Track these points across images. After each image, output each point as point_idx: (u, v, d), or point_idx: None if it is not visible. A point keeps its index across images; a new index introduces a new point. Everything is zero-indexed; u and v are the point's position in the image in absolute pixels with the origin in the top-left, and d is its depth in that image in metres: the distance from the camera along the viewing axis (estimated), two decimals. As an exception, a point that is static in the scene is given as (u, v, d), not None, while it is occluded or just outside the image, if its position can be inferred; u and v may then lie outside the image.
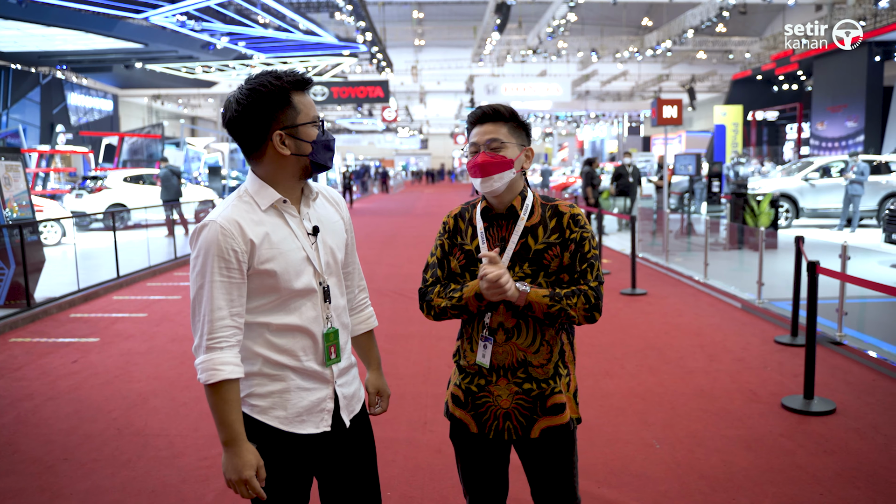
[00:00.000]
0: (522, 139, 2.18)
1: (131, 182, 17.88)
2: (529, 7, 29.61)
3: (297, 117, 1.90)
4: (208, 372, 1.81)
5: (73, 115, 30.81)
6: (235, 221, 1.85)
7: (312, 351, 1.97)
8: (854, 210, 14.47)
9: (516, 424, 2.14)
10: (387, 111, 40.83)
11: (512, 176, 2.13)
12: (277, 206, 1.93)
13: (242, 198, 1.93)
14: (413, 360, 5.90)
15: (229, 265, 1.83)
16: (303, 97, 1.92)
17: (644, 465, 3.83)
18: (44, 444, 4.23)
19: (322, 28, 24.58)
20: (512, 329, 2.11)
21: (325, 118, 2.01)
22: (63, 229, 13.92)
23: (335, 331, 2.01)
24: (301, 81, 1.91)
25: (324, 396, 2.00)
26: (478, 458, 2.24)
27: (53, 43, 24.05)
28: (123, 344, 6.56)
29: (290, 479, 1.97)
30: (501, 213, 2.18)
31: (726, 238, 12.36)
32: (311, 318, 1.96)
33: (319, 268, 1.98)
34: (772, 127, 35.82)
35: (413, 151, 76.44)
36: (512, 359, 2.12)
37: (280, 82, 1.86)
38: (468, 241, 2.22)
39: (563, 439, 2.17)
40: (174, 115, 50.60)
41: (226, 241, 1.82)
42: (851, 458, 3.86)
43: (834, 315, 6.27)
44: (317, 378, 1.99)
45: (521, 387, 2.13)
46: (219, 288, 1.83)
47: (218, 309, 1.83)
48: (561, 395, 2.14)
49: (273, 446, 1.93)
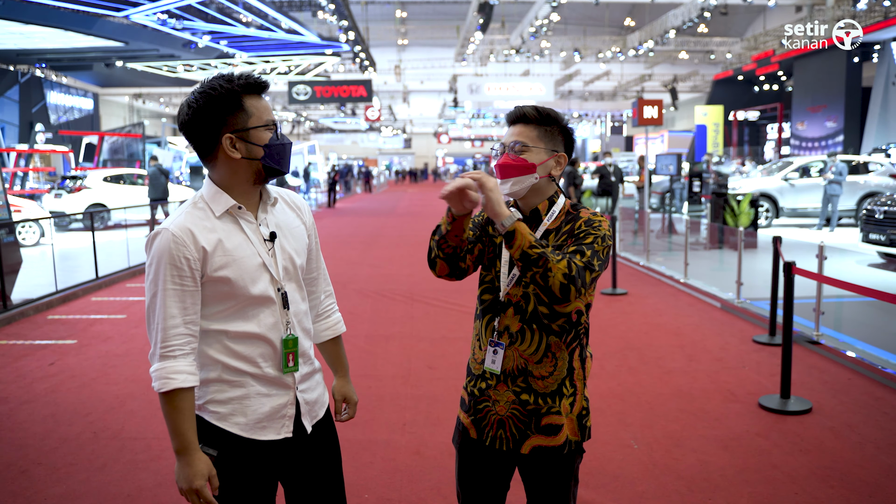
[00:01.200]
0: (555, 144, 2.10)
1: (111, 182, 17.73)
2: (512, 7, 29.66)
3: (249, 121, 1.87)
4: (161, 380, 1.79)
5: (52, 114, 30.49)
6: (188, 229, 1.83)
7: (272, 357, 1.95)
8: (833, 209, 14.61)
9: (509, 436, 2.06)
10: (370, 110, 40.72)
11: (533, 181, 2.06)
12: (232, 212, 1.91)
13: (197, 204, 1.90)
14: (393, 362, 5.89)
15: (182, 273, 1.82)
16: (256, 101, 1.89)
17: (621, 465, 3.85)
18: (18, 448, 4.18)
19: (305, 27, 24.51)
20: (516, 334, 2.04)
21: (282, 121, 2.02)
22: (42, 229, 13.77)
23: (294, 338, 1.98)
24: (254, 84, 1.88)
25: (285, 402, 1.98)
26: (475, 466, 2.16)
27: (32, 41, 23.79)
28: (101, 346, 6.51)
29: (252, 486, 1.95)
30: (526, 216, 2.12)
31: (706, 238, 12.44)
32: (269, 324, 1.93)
33: (277, 274, 1.95)
34: (753, 127, 36.14)
35: (396, 151, 76.32)
36: (513, 365, 2.05)
37: (231, 85, 1.84)
38: (498, 235, 2.15)
39: (555, 462, 2.06)
40: (156, 113, 50.21)
41: (178, 248, 1.81)
42: (826, 457, 3.89)
43: (812, 314, 6.33)
44: (277, 384, 1.97)
45: (518, 396, 2.04)
46: (171, 296, 1.82)
47: (171, 317, 1.81)
48: (558, 416, 2.04)
49: (234, 453, 1.91)
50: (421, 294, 8.73)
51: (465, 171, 2.02)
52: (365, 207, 27.69)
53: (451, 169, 73.34)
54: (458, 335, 6.75)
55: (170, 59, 27.79)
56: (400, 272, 10.57)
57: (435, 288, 9.08)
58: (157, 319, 1.82)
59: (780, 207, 15.75)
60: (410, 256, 12.54)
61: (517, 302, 2.05)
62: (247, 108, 1.86)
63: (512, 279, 2.07)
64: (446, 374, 5.55)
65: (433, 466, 3.88)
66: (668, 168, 15.01)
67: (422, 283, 9.47)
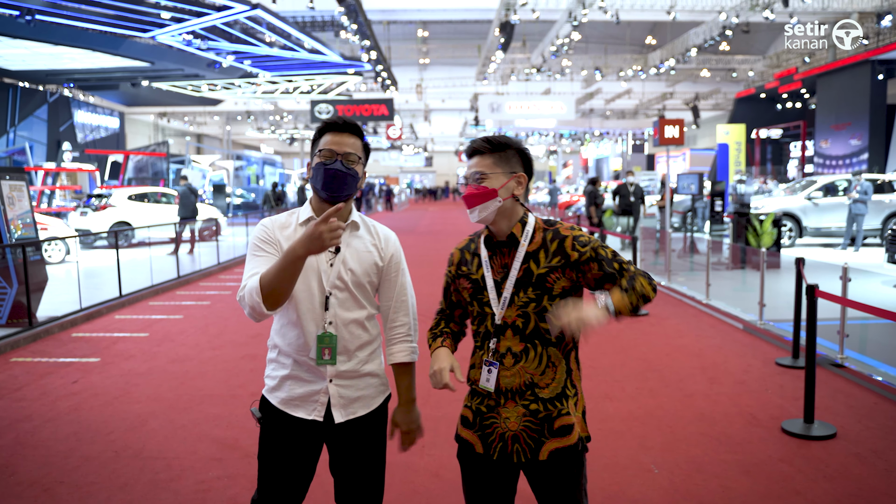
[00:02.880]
0: (512, 166, 2.24)
1: (136, 200, 17.97)
2: (533, 26, 29.78)
3: (316, 149, 2.32)
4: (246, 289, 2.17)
5: (79, 133, 31.03)
6: (272, 222, 2.36)
7: (309, 348, 2.29)
8: (858, 229, 14.44)
9: (524, 447, 2.16)
10: (391, 129, 40.95)
11: (498, 204, 2.20)
12: (311, 222, 2.29)
13: (292, 212, 2.41)
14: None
15: (263, 248, 2.29)
16: (329, 136, 2.31)
17: (642, 490, 3.81)
18: (42, 466, 4.22)
19: (327, 47, 24.77)
20: (520, 353, 2.17)
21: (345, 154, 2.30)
22: (67, 247, 13.97)
23: (330, 335, 2.29)
24: (333, 124, 2.32)
25: (318, 390, 2.32)
26: (482, 479, 2.26)
27: (61, 61, 24.27)
28: (124, 364, 6.57)
29: (286, 449, 2.33)
30: (503, 241, 2.24)
31: (729, 258, 12.33)
32: (308, 319, 2.29)
33: (326, 280, 2.30)
34: (775, 145, 35.89)
35: (418, 169, 76.67)
36: (520, 381, 2.17)
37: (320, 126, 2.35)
38: (474, 270, 2.31)
39: (571, 460, 2.19)
40: (180, 132, 50.90)
41: (263, 233, 2.32)
42: (851, 484, 3.83)
43: (835, 336, 6.25)
44: (314, 372, 2.32)
45: (528, 408, 2.16)
46: (252, 259, 2.29)
47: (251, 270, 2.24)
48: (569, 416, 2.17)
49: (273, 419, 2.34)
50: (441, 313, 8.71)
51: None
52: (386, 226, 27.73)
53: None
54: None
55: (194, 79, 28.18)
56: (421, 291, 10.54)
57: (455, 307, 9.07)
58: (246, 271, 2.26)
59: (804, 227, 15.59)
60: (431, 276, 12.54)
61: (513, 323, 2.19)
62: (321, 140, 2.33)
63: (504, 303, 2.20)
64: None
65: (452, 489, 3.87)
66: (689, 187, 14.93)
67: (442, 303, 9.46)
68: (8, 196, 8.05)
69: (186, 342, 7.43)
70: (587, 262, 2.15)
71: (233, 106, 43.25)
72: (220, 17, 20.10)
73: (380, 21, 30.67)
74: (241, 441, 4.57)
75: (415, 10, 29.78)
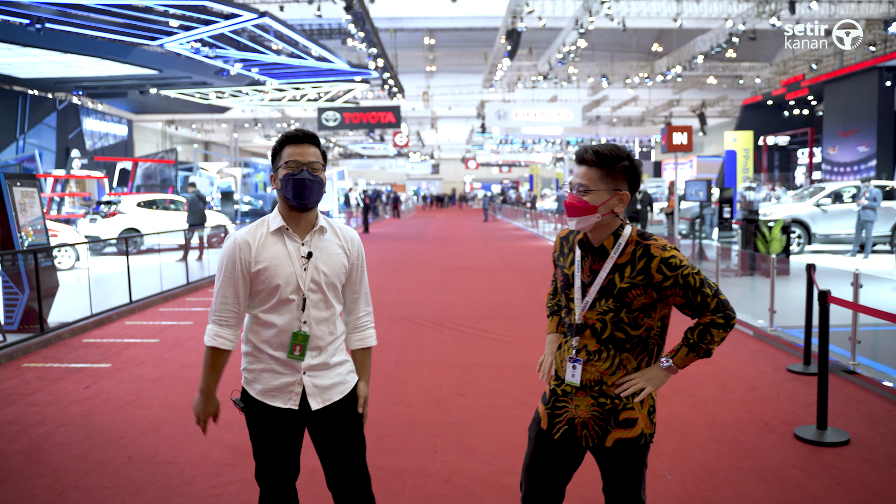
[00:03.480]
0: (617, 184, 2.31)
1: (145, 207, 18.04)
2: (540, 33, 29.85)
3: (279, 161, 2.51)
4: (208, 336, 2.53)
5: (88, 140, 31.17)
6: (245, 239, 2.50)
7: (284, 345, 2.52)
8: (867, 236, 14.39)
9: (592, 433, 2.37)
10: (398, 136, 41.08)
11: (595, 220, 2.32)
12: (281, 231, 2.52)
13: (262, 222, 2.56)
14: (423, 389, 5.89)
15: (235, 267, 2.49)
16: (290, 147, 2.50)
17: (655, 496, 3.80)
18: (55, 470, 4.24)
19: (334, 54, 24.85)
20: (594, 353, 2.36)
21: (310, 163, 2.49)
22: (77, 254, 14.03)
23: (304, 334, 2.52)
24: (292, 136, 2.51)
25: (292, 381, 2.54)
26: (543, 455, 2.48)
27: (70, 69, 24.40)
28: (135, 370, 6.59)
29: (271, 435, 2.57)
30: (595, 248, 2.37)
31: (738, 265, 12.31)
32: (286, 319, 2.50)
33: (303, 284, 2.51)
34: (783, 152, 35.81)
35: (424, 176, 76.75)
36: (590, 377, 2.36)
37: (279, 139, 2.55)
38: (567, 265, 2.48)
39: (633, 451, 2.37)
40: (188, 139, 51.10)
41: (236, 251, 2.49)
42: (866, 491, 3.82)
43: (847, 343, 6.23)
44: (287, 366, 2.54)
45: (596, 400, 2.37)
46: (227, 282, 2.51)
47: (224, 296, 2.52)
48: (633, 410, 2.35)
49: (255, 409, 2.57)
50: (450, 320, 8.73)
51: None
52: (394, 233, 27.82)
53: (479, 195, 73.51)
54: (488, 362, 6.74)
55: (202, 87, 28.29)
56: (429, 298, 10.60)
57: (465, 314, 9.09)
58: (218, 296, 2.53)
59: (813, 234, 15.54)
60: (439, 282, 12.57)
61: (593, 324, 2.36)
62: (282, 152, 2.51)
63: (585, 305, 2.37)
64: (477, 401, 5.54)
65: (464, 495, 3.86)
66: (697, 194, 14.91)
67: (451, 310, 9.48)
68: (20, 202, 8.10)
69: (197, 348, 7.44)
70: (671, 288, 2.27)
71: (240, 113, 43.45)
72: (228, 25, 20.19)
73: (387, 29, 30.82)
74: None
75: (421, 18, 29.89)
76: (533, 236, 24.71)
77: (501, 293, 11.14)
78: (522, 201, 48.27)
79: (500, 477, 4.08)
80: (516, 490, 3.89)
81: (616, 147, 2.33)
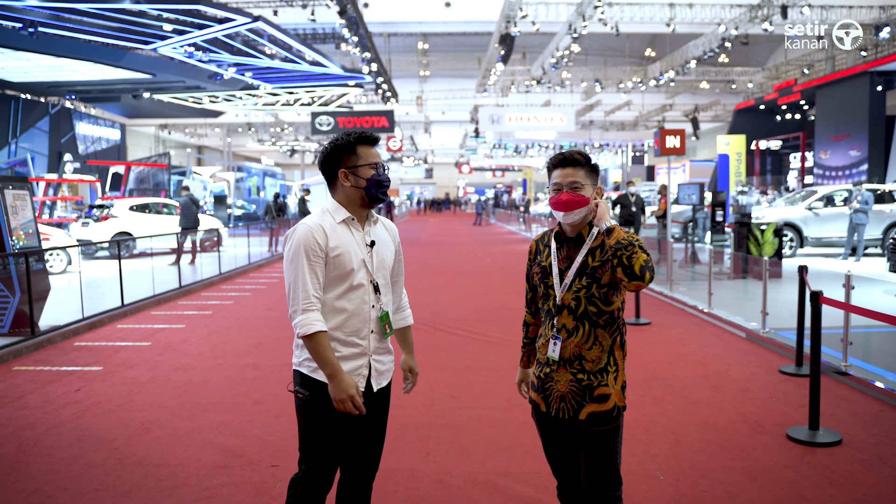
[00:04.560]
0: (594, 179, 2.69)
1: (137, 211, 17.98)
2: (533, 38, 29.89)
3: (358, 161, 2.69)
4: (305, 327, 2.54)
5: (80, 144, 31.08)
6: (319, 225, 2.64)
7: (357, 329, 2.67)
8: (858, 239, 14.45)
9: (569, 406, 2.62)
10: (392, 141, 41.04)
11: (588, 211, 2.63)
12: (347, 221, 2.71)
13: (325, 213, 2.72)
14: (416, 391, 5.86)
15: (315, 253, 2.60)
16: (366, 148, 2.71)
17: (647, 496, 3.80)
18: (45, 472, 4.21)
19: (328, 59, 24.84)
20: (572, 329, 2.62)
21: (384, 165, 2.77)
22: (69, 257, 13.96)
23: (386, 313, 2.76)
24: (366, 137, 2.72)
25: (361, 364, 2.70)
26: (549, 433, 2.74)
27: (63, 73, 24.34)
28: (126, 373, 6.56)
29: (334, 420, 2.65)
30: (572, 238, 2.69)
31: (730, 267, 12.33)
32: (360, 304, 2.68)
33: (371, 269, 2.72)
34: (775, 156, 35.94)
35: (418, 181, 76.75)
36: (570, 353, 2.62)
37: (349, 137, 2.70)
38: (544, 258, 2.77)
39: (606, 421, 2.60)
40: (181, 144, 51.00)
41: (312, 237, 2.60)
42: (858, 491, 3.82)
43: (839, 345, 6.24)
44: (357, 349, 2.69)
45: (575, 376, 2.62)
46: (308, 269, 2.59)
47: (309, 283, 2.59)
48: (607, 387, 2.60)
49: (321, 397, 2.62)
50: (443, 323, 8.73)
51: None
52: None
53: (472, 199, 73.57)
54: (481, 365, 6.73)
55: (195, 91, 28.24)
56: (422, 301, 10.58)
57: (458, 318, 9.08)
58: (300, 285, 2.58)
59: (805, 237, 15.59)
60: (432, 286, 12.56)
61: (569, 304, 2.63)
62: (358, 152, 2.70)
63: (564, 287, 2.65)
64: (470, 403, 5.53)
65: (456, 496, 3.85)
66: (690, 197, 14.94)
67: (444, 313, 9.47)
68: (11, 205, 8.06)
69: (189, 351, 7.42)
70: (615, 258, 2.49)
71: (233, 118, 43.36)
72: (222, 30, 20.17)
73: (380, 33, 30.81)
74: (245, 448, 4.56)
75: (415, 23, 29.91)
76: (526, 240, 24.72)
77: (494, 297, 11.14)
78: (515, 205, 48.31)
79: (492, 478, 4.07)
80: (509, 491, 3.89)
81: (584, 151, 2.75)
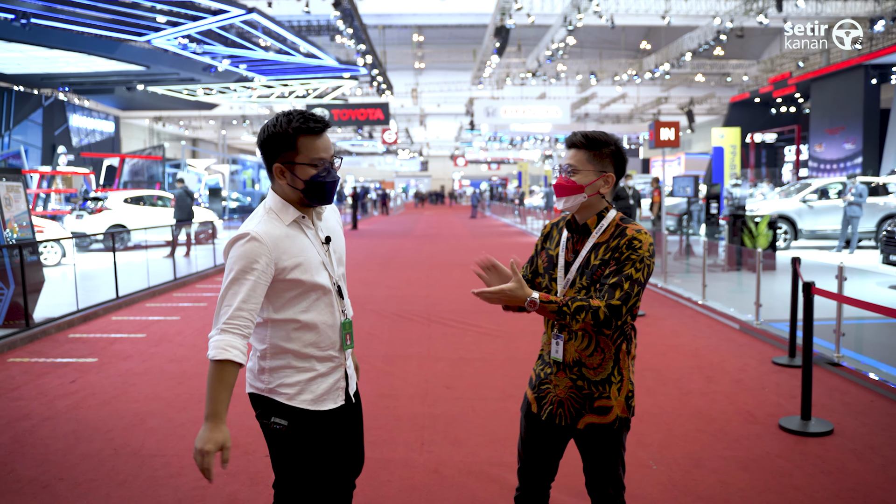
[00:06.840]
0: (604, 166, 2.41)
1: (132, 203, 17.94)
2: (528, 31, 29.87)
3: (296, 157, 2.23)
4: (217, 349, 2.13)
5: (74, 137, 30.92)
6: (266, 232, 2.20)
7: (330, 340, 2.35)
8: (853, 231, 14.51)
9: (566, 413, 2.42)
10: (387, 133, 41.05)
11: (582, 199, 2.40)
12: (297, 220, 2.30)
13: (269, 214, 2.28)
14: (411, 382, 5.89)
15: (256, 268, 2.16)
16: (309, 140, 2.23)
17: (640, 486, 3.83)
18: (40, 463, 4.22)
19: (323, 51, 24.77)
20: (573, 332, 2.40)
21: (333, 160, 2.30)
22: (63, 250, 13.94)
23: (349, 321, 2.42)
24: (308, 127, 2.22)
25: (339, 377, 2.40)
26: (533, 434, 2.54)
27: (56, 65, 24.20)
28: (121, 364, 6.56)
29: (320, 449, 2.34)
30: (579, 228, 2.45)
31: (724, 259, 12.37)
32: (329, 312, 2.34)
33: (332, 271, 2.36)
34: (770, 149, 36.01)
35: (413, 173, 76.71)
36: (570, 357, 2.41)
37: (288, 126, 2.21)
38: (553, 246, 2.53)
39: (605, 436, 2.41)
40: (175, 136, 50.86)
41: (257, 248, 2.17)
42: (849, 479, 3.85)
43: (832, 336, 6.28)
44: (334, 362, 2.38)
45: (574, 382, 2.40)
46: (245, 285, 2.16)
47: (241, 301, 2.15)
48: (608, 399, 2.38)
49: (302, 424, 2.30)
50: (438, 315, 8.74)
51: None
52: (382, 230, 27.79)
53: (468, 191, 73.56)
54: (475, 356, 6.75)
55: (190, 83, 28.13)
56: (417, 293, 10.60)
57: (453, 309, 9.10)
58: (228, 300, 2.16)
59: (799, 229, 15.65)
60: (428, 278, 12.57)
61: None
62: (298, 146, 2.23)
63: (567, 283, 2.42)
64: (464, 393, 5.55)
65: (451, 486, 3.87)
66: (685, 190, 14.97)
67: (439, 304, 9.49)
68: (5, 197, 8.04)
69: (184, 343, 7.42)
70: (613, 261, 2.31)
71: (228, 110, 43.26)
72: (216, 21, 20.09)
73: (375, 25, 30.76)
74: (240, 439, 4.57)
75: (410, 15, 29.85)
76: (521, 232, 24.74)
77: (490, 288, 11.13)
78: (510, 198, 48.31)
79: (486, 467, 4.09)
80: (503, 480, 3.91)
81: (604, 133, 2.42)
